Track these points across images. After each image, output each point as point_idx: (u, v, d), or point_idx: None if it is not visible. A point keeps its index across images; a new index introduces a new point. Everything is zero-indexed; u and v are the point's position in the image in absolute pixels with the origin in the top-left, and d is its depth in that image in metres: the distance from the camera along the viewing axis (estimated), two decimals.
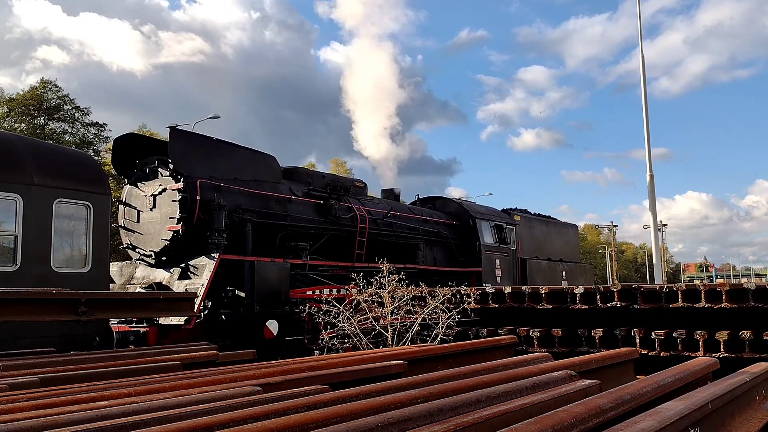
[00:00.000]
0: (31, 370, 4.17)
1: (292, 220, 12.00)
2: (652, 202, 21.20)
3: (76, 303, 5.82)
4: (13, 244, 7.49)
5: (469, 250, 16.55)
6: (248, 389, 3.08)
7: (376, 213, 14.10)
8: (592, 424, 2.37)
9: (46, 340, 6.94)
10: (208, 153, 11.03)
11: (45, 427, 2.28)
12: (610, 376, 4.23)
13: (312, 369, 3.86)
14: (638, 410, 2.62)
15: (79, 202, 8.22)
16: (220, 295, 10.04)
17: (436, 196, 18.14)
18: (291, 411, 2.50)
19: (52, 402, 2.85)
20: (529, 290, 8.63)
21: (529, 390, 3.03)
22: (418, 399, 2.72)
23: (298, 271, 11.47)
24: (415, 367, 4.26)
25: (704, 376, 3.88)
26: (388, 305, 8.98)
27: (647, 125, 20.92)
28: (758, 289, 7.04)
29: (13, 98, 35.33)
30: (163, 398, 2.86)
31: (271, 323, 10.11)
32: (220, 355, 5.17)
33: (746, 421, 3.32)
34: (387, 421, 2.23)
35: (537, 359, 4.32)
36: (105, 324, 8.43)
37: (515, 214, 19.06)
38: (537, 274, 18.94)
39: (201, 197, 10.28)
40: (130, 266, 10.86)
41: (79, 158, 9.60)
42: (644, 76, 21.42)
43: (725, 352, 6.98)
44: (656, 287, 7.82)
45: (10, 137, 9.16)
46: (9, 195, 7.47)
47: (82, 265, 8.24)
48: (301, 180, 13.07)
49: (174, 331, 9.14)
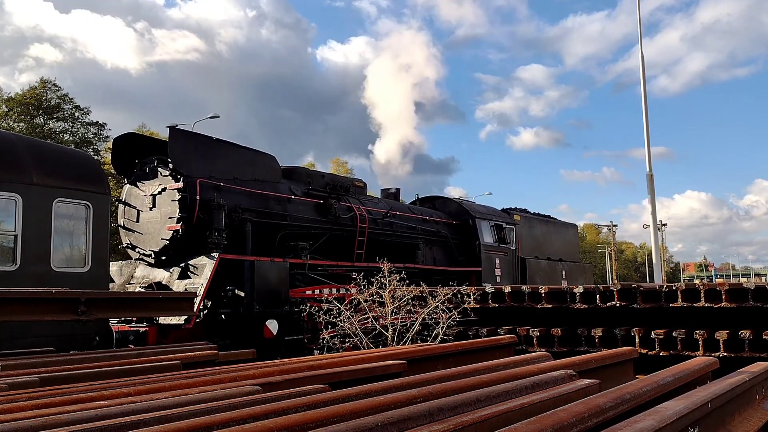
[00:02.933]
0: (31, 369, 4.17)
1: (291, 220, 12.00)
2: (651, 202, 21.21)
3: (76, 303, 5.82)
4: (13, 243, 7.49)
5: (468, 249, 16.55)
6: (248, 389, 3.07)
7: (376, 213, 14.09)
8: (591, 424, 2.37)
9: (45, 339, 6.94)
10: (208, 152, 11.03)
11: (44, 426, 2.28)
12: (609, 375, 4.22)
13: (312, 368, 3.86)
14: (638, 410, 2.62)
15: (79, 201, 8.22)
16: (219, 294, 10.04)
17: (435, 196, 18.14)
18: (290, 410, 2.50)
19: (52, 401, 2.84)
20: (529, 290, 8.63)
21: (529, 389, 3.03)
22: (417, 398, 2.72)
23: (298, 270, 11.47)
24: (415, 367, 4.26)
25: (704, 375, 3.88)
26: (389, 305, 8.98)
27: (647, 125, 20.94)
28: (758, 288, 7.04)
29: (13, 98, 35.32)
30: (163, 398, 2.85)
31: (270, 323, 10.11)
32: (219, 355, 5.17)
33: (746, 421, 3.32)
34: (387, 421, 2.23)
35: (536, 359, 4.32)
36: (105, 323, 8.43)
37: (515, 213, 19.05)
38: (536, 274, 18.94)
39: (201, 197, 10.28)
40: (130, 266, 10.86)
41: (79, 158, 9.60)
42: (644, 76, 21.44)
43: (725, 352, 6.98)
44: (656, 287, 7.82)
45: (10, 137, 9.16)
46: (8, 194, 7.47)
47: (82, 265, 8.23)
48: (300, 179, 13.07)
49: (174, 331, 9.14)
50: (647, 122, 20.99)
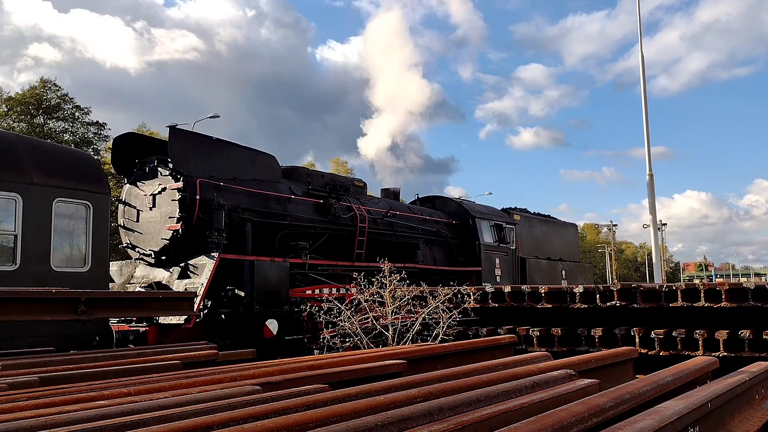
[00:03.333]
0: (31, 369, 4.17)
1: (291, 220, 12.00)
2: (651, 202, 21.19)
3: (76, 302, 5.81)
4: (13, 243, 7.49)
5: (468, 249, 16.55)
6: (248, 388, 3.07)
7: (376, 212, 14.10)
8: (591, 423, 2.37)
9: (45, 339, 6.94)
10: (208, 152, 11.03)
11: (44, 426, 2.28)
12: (609, 375, 4.22)
13: (311, 368, 3.86)
14: (638, 409, 2.62)
15: (79, 201, 8.22)
16: (219, 294, 10.04)
17: (435, 196, 18.14)
18: (290, 410, 2.50)
19: (52, 401, 2.84)
20: (529, 289, 8.63)
21: (529, 389, 3.03)
22: (417, 398, 2.72)
23: (298, 270, 11.48)
24: (415, 367, 4.26)
25: (704, 375, 3.88)
26: (389, 305, 8.98)
27: (647, 126, 20.92)
28: (757, 288, 7.04)
29: (13, 97, 35.34)
30: (163, 398, 2.85)
31: (270, 323, 10.11)
32: (219, 355, 5.17)
33: (745, 420, 3.32)
34: (386, 421, 2.23)
35: (536, 358, 4.32)
36: (105, 323, 8.43)
37: (515, 213, 19.06)
38: (536, 274, 18.94)
39: (201, 196, 10.28)
40: (130, 265, 10.86)
41: (79, 157, 9.60)
42: (644, 77, 21.42)
43: (725, 351, 6.98)
44: (656, 286, 7.81)
45: (10, 136, 9.16)
46: (8, 194, 7.47)
47: (82, 265, 8.23)
48: (300, 179, 13.07)
49: (174, 331, 9.14)
50: (647, 123, 20.98)
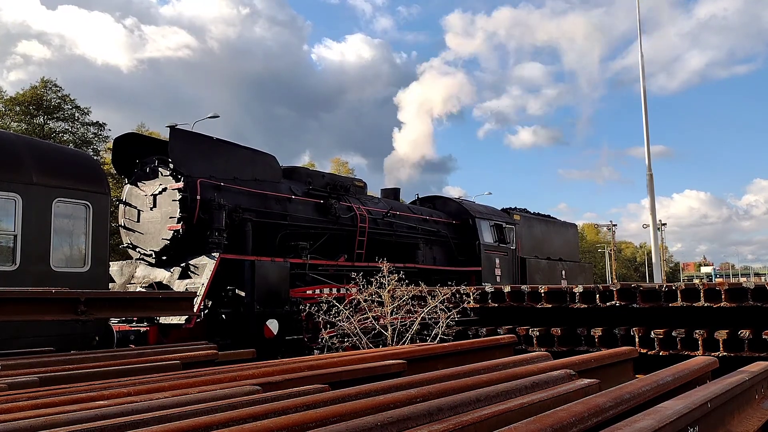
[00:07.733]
0: (31, 369, 4.17)
1: (292, 220, 12.00)
2: (651, 202, 21.21)
3: (76, 302, 5.82)
4: (13, 243, 7.49)
5: (468, 249, 16.55)
6: (248, 388, 3.08)
7: (376, 212, 14.10)
8: (591, 423, 2.37)
9: (45, 339, 6.94)
10: (208, 152, 11.03)
11: (44, 426, 2.28)
12: (609, 375, 4.23)
13: (311, 368, 3.86)
14: (637, 409, 2.63)
15: (79, 201, 8.22)
16: (220, 294, 10.05)
17: (435, 196, 18.14)
18: (290, 410, 2.50)
19: (52, 401, 2.85)
20: (529, 289, 8.63)
21: (529, 389, 3.03)
22: (417, 398, 2.72)
23: (298, 270, 11.48)
24: (415, 367, 4.26)
25: (703, 375, 3.88)
26: (388, 304, 8.98)
27: (647, 127, 20.95)
28: (757, 288, 7.05)
29: (14, 97, 35.35)
30: (163, 397, 2.86)
31: (271, 322, 10.11)
32: (219, 355, 5.17)
33: (745, 420, 3.32)
34: (386, 421, 2.23)
35: (536, 358, 4.33)
36: (105, 323, 8.43)
37: (515, 213, 19.06)
38: (536, 274, 18.93)
39: (201, 197, 10.28)
40: (131, 265, 10.86)
41: (79, 157, 9.60)
42: (643, 77, 21.44)
43: (724, 351, 6.98)
44: (655, 286, 7.82)
45: (10, 136, 9.16)
46: (8, 194, 7.47)
47: (82, 265, 8.23)
48: (300, 179, 13.07)
49: (174, 331, 9.14)
50: (647, 124, 21.03)
